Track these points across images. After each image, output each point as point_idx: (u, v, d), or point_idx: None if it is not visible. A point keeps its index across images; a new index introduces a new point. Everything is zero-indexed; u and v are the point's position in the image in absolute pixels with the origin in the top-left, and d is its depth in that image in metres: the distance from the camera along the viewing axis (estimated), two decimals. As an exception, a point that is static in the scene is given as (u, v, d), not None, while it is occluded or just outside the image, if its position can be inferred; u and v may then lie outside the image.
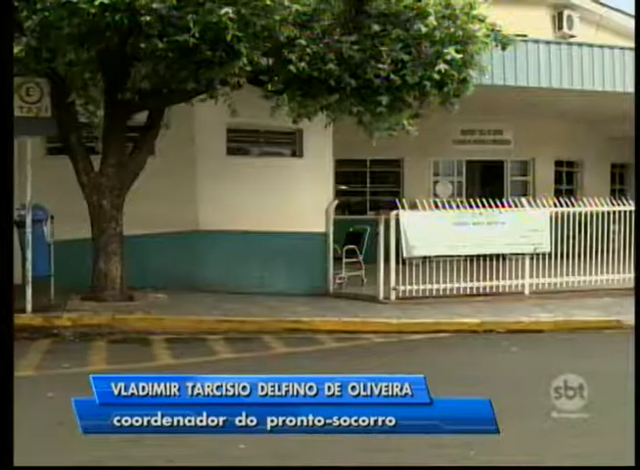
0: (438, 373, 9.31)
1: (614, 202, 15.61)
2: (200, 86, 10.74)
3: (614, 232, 15.39)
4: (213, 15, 9.33)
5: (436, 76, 10.48)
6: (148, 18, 9.30)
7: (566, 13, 22.97)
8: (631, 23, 24.98)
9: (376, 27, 10.64)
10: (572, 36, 21.98)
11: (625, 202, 15.58)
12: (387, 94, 10.66)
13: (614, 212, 15.34)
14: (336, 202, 14.90)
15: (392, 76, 10.44)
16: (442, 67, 10.35)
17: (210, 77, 10.35)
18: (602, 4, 24.33)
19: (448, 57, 10.34)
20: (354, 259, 14.85)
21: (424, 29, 10.43)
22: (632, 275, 15.28)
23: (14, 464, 5.17)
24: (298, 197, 14.34)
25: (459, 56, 10.42)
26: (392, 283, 13.59)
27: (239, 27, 9.59)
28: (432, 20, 10.46)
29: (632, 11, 24.89)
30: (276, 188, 14.19)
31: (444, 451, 6.37)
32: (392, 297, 13.62)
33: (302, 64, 10.31)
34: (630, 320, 12.57)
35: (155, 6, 9.20)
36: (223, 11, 9.30)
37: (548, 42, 15.53)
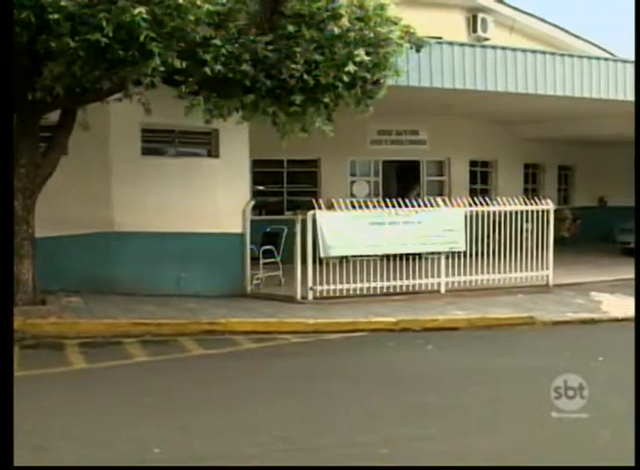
0: (354, 372, 9.42)
1: (527, 201, 15.92)
2: (113, 86, 10.58)
3: (527, 231, 15.70)
4: (126, 14, 9.21)
5: (346, 78, 10.53)
6: (56, 16, 9.12)
7: (480, 16, 23.38)
8: (542, 27, 25.65)
9: (291, 28, 10.63)
10: (487, 39, 22.37)
11: (538, 201, 15.92)
12: (301, 94, 10.68)
13: (527, 212, 15.66)
14: (252, 202, 14.87)
15: (306, 77, 10.45)
16: (352, 68, 10.40)
17: (124, 77, 10.20)
18: (515, 8, 24.81)
19: (358, 59, 10.39)
20: (272, 260, 14.85)
21: (337, 31, 10.49)
22: (545, 273, 15.67)
23: (14, 464, 5.24)
24: (215, 197, 14.26)
25: (368, 58, 10.48)
26: (310, 283, 13.63)
27: (152, 27, 9.48)
28: (345, 21, 10.51)
29: (544, 15, 25.56)
30: (192, 189, 14.08)
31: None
32: (310, 297, 13.66)
33: (218, 66, 10.24)
34: (543, 316, 12.93)
35: (63, 4, 9.02)
36: (136, 10, 9.18)
37: (463, 45, 15.75)
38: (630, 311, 13.70)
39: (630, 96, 16.81)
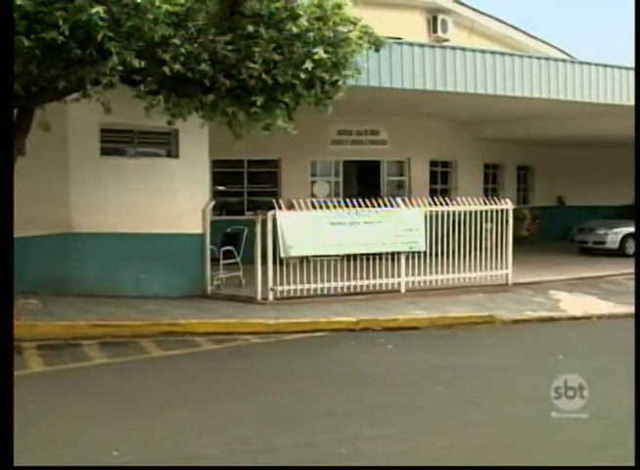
0: (314, 372, 9.43)
1: (486, 201, 16.04)
2: (71, 85, 10.45)
3: (486, 230, 15.81)
4: (83, 13, 9.11)
5: (303, 76, 10.50)
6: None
7: (440, 17, 23.53)
8: (502, 28, 25.88)
9: (250, 28, 10.58)
10: (447, 40, 22.49)
11: (498, 201, 16.05)
12: (261, 94, 10.64)
13: (486, 212, 15.77)
14: (213, 202, 14.81)
15: (264, 76, 10.42)
16: (309, 65, 10.38)
17: (82, 76, 10.09)
18: (475, 9, 24.99)
19: (316, 56, 10.38)
20: (232, 260, 14.79)
21: (295, 30, 10.47)
22: (504, 272, 15.80)
23: (14, 464, 5.23)
24: (175, 198, 14.18)
25: (326, 56, 10.48)
26: (270, 283, 13.60)
27: (110, 26, 9.39)
28: (303, 21, 10.49)
29: (503, 17, 25.78)
30: (152, 189, 13.99)
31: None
32: (270, 297, 13.64)
33: (177, 65, 10.17)
34: (503, 315, 13.04)
35: (19, 2, 8.90)
36: (94, 9, 9.08)
37: (423, 45, 15.81)
38: (589, 309, 13.92)
39: (587, 97, 17.01)
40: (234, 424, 7.17)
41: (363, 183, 21.52)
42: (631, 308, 14.18)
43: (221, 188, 19.59)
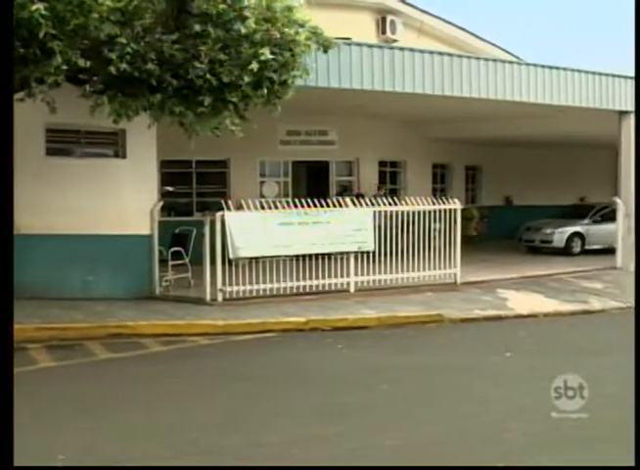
0: (264, 373, 9.41)
1: (435, 201, 16.14)
2: (15, 84, 10.30)
3: (435, 230, 15.91)
4: (24, 10, 8.97)
5: (247, 78, 10.47)
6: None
7: (389, 18, 23.64)
8: (450, 30, 26.04)
9: (197, 27, 10.52)
10: (395, 41, 22.61)
11: (446, 201, 16.16)
12: (209, 95, 10.59)
13: (435, 211, 15.87)
14: (161, 203, 14.68)
15: (209, 76, 10.37)
16: (255, 66, 10.36)
17: (25, 75, 9.95)
18: (423, 11, 25.14)
19: (262, 57, 10.36)
20: (181, 261, 14.69)
21: (244, 31, 10.43)
22: (452, 271, 15.91)
23: (14, 464, 5.27)
24: (122, 199, 14.04)
25: (272, 57, 10.46)
26: (219, 284, 13.54)
27: (53, 25, 9.26)
28: (251, 22, 10.46)
29: (452, 19, 25.98)
30: (99, 190, 13.83)
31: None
32: (220, 298, 13.57)
33: (123, 64, 10.07)
34: (451, 314, 13.14)
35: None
36: (34, 7, 8.95)
37: (371, 46, 15.83)
38: (536, 308, 14.09)
39: (534, 98, 17.19)
40: (182, 426, 7.12)
41: (312, 183, 21.53)
42: (576, 306, 14.43)
43: (170, 189, 19.44)
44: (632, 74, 18.98)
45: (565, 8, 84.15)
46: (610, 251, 20.16)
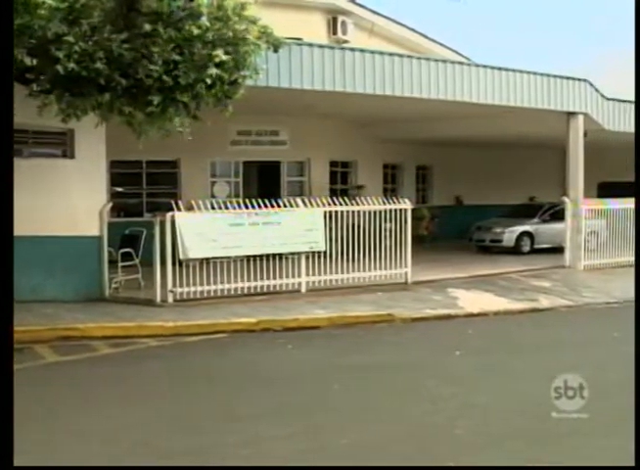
0: (214, 374, 9.36)
1: (385, 201, 16.19)
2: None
3: (386, 230, 15.96)
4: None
5: (209, 81, 10.42)
6: None
7: (340, 19, 23.68)
8: (401, 31, 26.18)
9: (147, 27, 10.43)
10: (346, 41, 22.65)
11: (397, 201, 16.22)
12: (158, 94, 10.50)
13: (386, 211, 15.92)
14: (110, 204, 14.53)
15: (165, 78, 10.28)
16: (214, 71, 10.31)
17: (-31, 74, 9.77)
18: (375, 12, 25.23)
19: (217, 60, 10.30)
20: (131, 263, 14.55)
21: (196, 31, 10.35)
22: (403, 271, 15.98)
23: (14, 464, 5.26)
24: (71, 199, 13.84)
25: (227, 57, 10.41)
26: (170, 285, 13.44)
27: (-4, 23, 9.11)
28: (204, 20, 10.40)
29: (403, 20, 26.12)
30: (47, 191, 13.62)
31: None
32: (170, 299, 13.47)
33: (71, 63, 9.95)
34: (402, 313, 13.20)
35: None
36: (-22, 5, 8.80)
37: (322, 46, 15.84)
38: (485, 306, 14.22)
39: (483, 99, 17.34)
40: (133, 429, 7.06)
41: (263, 184, 21.47)
42: (525, 305, 14.60)
43: (119, 189, 19.26)
44: (581, 76, 19.36)
45: (515, 10, 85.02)
46: (558, 250, 20.43)
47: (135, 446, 6.55)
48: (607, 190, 27.26)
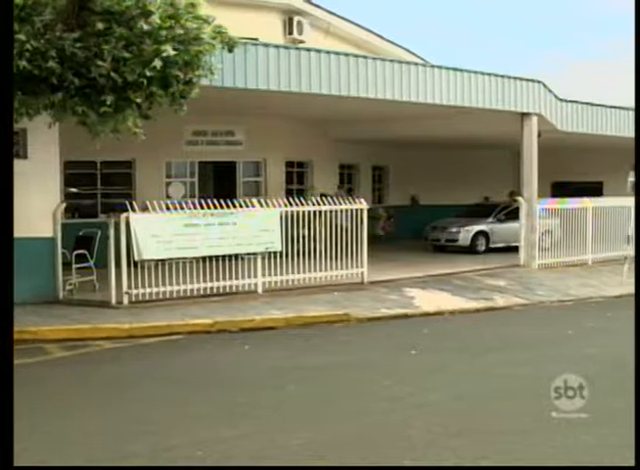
0: (169, 376, 9.30)
1: (342, 201, 16.21)
2: None
3: (342, 230, 15.99)
4: None
5: (151, 74, 10.31)
6: None
7: (296, 19, 23.70)
8: (358, 32, 26.27)
9: (100, 25, 10.32)
10: (302, 41, 22.67)
11: (353, 201, 16.26)
12: (112, 94, 10.39)
13: (342, 211, 15.95)
14: (64, 205, 14.37)
15: (113, 75, 10.19)
16: (158, 64, 10.22)
17: None
18: (331, 12, 25.27)
19: (165, 54, 10.23)
20: (85, 264, 14.41)
21: (147, 28, 10.27)
22: (360, 270, 16.02)
23: (14, 464, 5.25)
24: (23, 200, 13.53)
25: (175, 53, 10.33)
26: (125, 287, 13.33)
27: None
28: (155, 18, 10.31)
29: (359, 20, 26.21)
30: (-2, 191, 13.43)
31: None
32: (125, 301, 13.36)
33: (23, 62, 9.81)
34: (358, 313, 13.24)
35: None
36: None
37: (278, 46, 15.81)
38: (441, 305, 14.32)
39: (438, 99, 17.45)
40: (87, 432, 6.99)
41: (219, 184, 21.40)
42: (480, 303, 14.73)
43: (73, 190, 19.05)
44: (534, 78, 19.58)
45: (470, 12, 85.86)
46: (513, 249, 20.63)
47: (89, 450, 6.48)
48: (560, 190, 27.66)
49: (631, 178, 19.35)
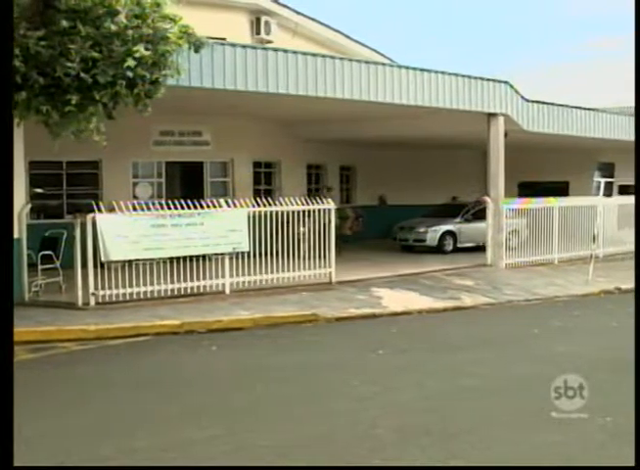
0: (136, 378, 9.23)
1: (309, 201, 16.20)
2: None
3: (310, 230, 15.98)
4: None
5: (129, 73, 10.25)
6: None
7: (263, 19, 23.66)
8: (326, 32, 26.27)
9: (65, 24, 10.24)
10: (270, 41, 22.63)
11: (321, 201, 16.25)
12: (77, 93, 10.31)
13: (310, 211, 15.94)
14: (29, 205, 14.23)
15: (83, 75, 10.10)
16: (131, 63, 10.15)
17: None
18: (299, 13, 25.25)
19: (137, 54, 10.16)
20: (51, 266, 14.26)
21: (114, 28, 10.20)
22: (327, 270, 16.01)
23: (14, 464, 5.25)
24: (-13, 201, 13.51)
25: (147, 53, 10.28)
26: (92, 288, 13.22)
27: None
28: (122, 18, 10.25)
29: (326, 21, 26.23)
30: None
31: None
32: (92, 302, 13.25)
33: (-16, 60, 9.70)
34: (326, 313, 13.23)
35: None
36: None
37: (245, 46, 15.75)
38: (409, 305, 14.35)
39: (406, 100, 17.49)
40: (52, 436, 6.92)
41: (187, 184, 21.28)
42: (448, 303, 14.78)
43: (39, 190, 18.85)
44: (502, 78, 19.71)
45: (438, 13, 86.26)
46: (481, 248, 20.74)
47: (55, 454, 6.42)
48: (527, 189, 27.84)
49: (597, 179, 19.50)
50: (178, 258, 14.16)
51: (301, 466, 6.17)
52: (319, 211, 16.06)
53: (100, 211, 13.31)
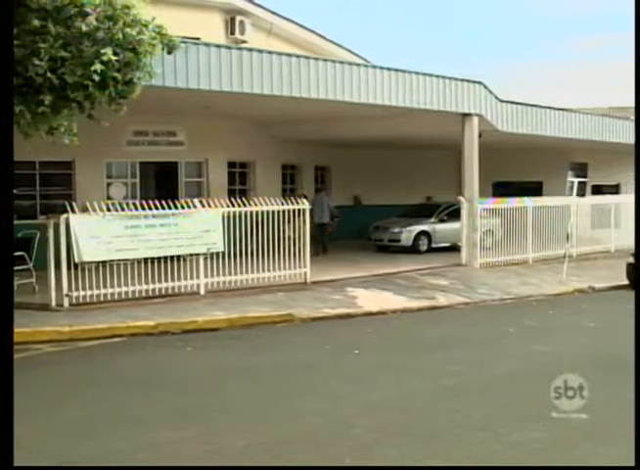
0: (110, 379, 9.18)
1: (284, 201, 16.19)
2: None
3: (285, 230, 15.97)
4: None
5: (95, 77, 10.17)
6: None
7: (238, 19, 23.60)
8: (301, 33, 26.25)
9: (36, 23, 10.15)
10: (244, 41, 22.58)
11: (295, 201, 16.24)
12: (49, 93, 10.22)
13: (284, 211, 15.93)
14: (2, 206, 14.09)
15: (49, 75, 10.01)
16: (99, 67, 10.08)
17: None
18: (274, 13, 25.21)
19: (105, 58, 10.09)
20: (24, 267, 14.15)
21: (85, 28, 10.12)
22: (303, 270, 16.01)
23: (14, 464, 5.24)
24: (-41, 202, 13.39)
25: (115, 58, 10.20)
26: (65, 289, 13.13)
27: None
28: (92, 19, 10.17)
29: (301, 21, 26.21)
30: None
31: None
32: (66, 303, 13.16)
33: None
34: (301, 313, 13.23)
35: None
36: None
37: (219, 46, 15.70)
38: (384, 305, 14.40)
39: (380, 100, 17.50)
40: (26, 438, 6.84)
41: (161, 185, 21.18)
42: (423, 303, 14.84)
43: (12, 191, 18.68)
44: (476, 79, 19.78)
45: (414, 14, 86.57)
46: (455, 248, 20.82)
47: (30, 456, 6.36)
48: (501, 189, 27.99)
49: (571, 179, 19.63)
50: (153, 259, 14.08)
51: (292, 466, 6.16)
52: (294, 211, 16.06)
53: (73, 211, 13.22)
